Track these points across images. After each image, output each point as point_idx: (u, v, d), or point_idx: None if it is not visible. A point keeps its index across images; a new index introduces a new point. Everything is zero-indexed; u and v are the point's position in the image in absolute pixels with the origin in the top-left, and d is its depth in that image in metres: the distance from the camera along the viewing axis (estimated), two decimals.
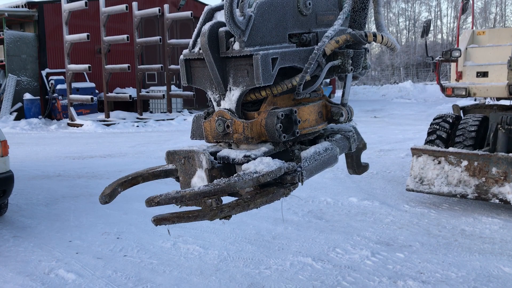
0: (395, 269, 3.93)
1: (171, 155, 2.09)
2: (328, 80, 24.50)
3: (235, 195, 2.02)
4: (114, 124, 16.18)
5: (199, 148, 2.04)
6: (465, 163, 5.37)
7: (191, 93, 19.02)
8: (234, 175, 1.80)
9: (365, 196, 6.19)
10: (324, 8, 2.14)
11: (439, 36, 50.57)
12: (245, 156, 1.91)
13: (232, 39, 1.87)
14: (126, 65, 15.82)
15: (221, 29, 1.89)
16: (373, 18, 2.40)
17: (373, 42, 2.09)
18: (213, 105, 2.11)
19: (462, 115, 6.57)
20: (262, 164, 1.83)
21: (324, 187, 6.70)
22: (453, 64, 6.81)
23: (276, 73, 1.88)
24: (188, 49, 2.05)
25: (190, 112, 19.89)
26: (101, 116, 17.36)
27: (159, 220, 1.68)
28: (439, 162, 5.55)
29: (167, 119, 17.51)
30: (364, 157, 6.86)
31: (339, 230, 4.92)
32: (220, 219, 1.83)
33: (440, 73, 7.22)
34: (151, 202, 1.68)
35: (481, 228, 4.91)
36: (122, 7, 15.49)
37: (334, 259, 4.17)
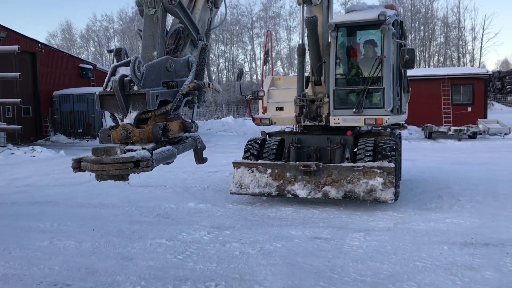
0: (224, 239, 5.71)
1: (94, 150, 3.49)
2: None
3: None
4: None
5: (114, 145, 3.50)
6: (269, 171, 7.53)
7: (19, 127, 18.58)
8: (117, 153, 3.28)
9: (200, 201, 7.93)
10: (180, 68, 3.85)
11: (255, 76, 56.50)
12: (142, 148, 3.44)
13: (132, 84, 3.43)
14: None
15: (125, 78, 3.43)
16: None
17: (208, 87, 3.88)
18: (117, 122, 3.59)
19: (267, 138, 8.85)
20: (127, 154, 3.28)
21: (167, 198, 8.27)
22: (260, 101, 9.12)
23: (158, 103, 3.49)
24: (102, 88, 3.53)
25: (17, 147, 19.28)
26: None
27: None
28: (252, 171, 7.62)
29: None
30: (196, 177, 9.40)
31: (183, 223, 6.54)
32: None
33: (252, 108, 9.49)
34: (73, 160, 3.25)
35: (280, 213, 7.04)
36: None
37: (182, 239, 5.77)
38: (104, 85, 3.53)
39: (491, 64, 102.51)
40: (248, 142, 8.56)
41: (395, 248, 5.24)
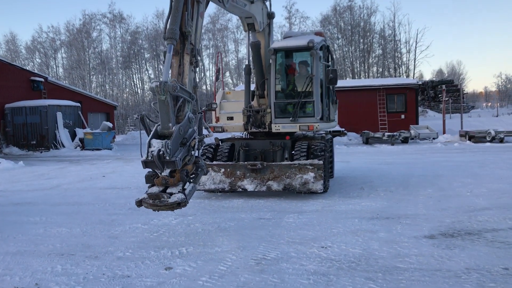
0: (188, 222, 7.18)
1: (150, 195, 5.08)
2: (111, 125, 27.08)
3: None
4: None
5: (159, 191, 5.12)
6: (222, 170, 9.08)
7: None
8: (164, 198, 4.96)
9: None
10: (185, 126, 5.51)
11: (204, 87, 57.84)
12: (179, 191, 5.07)
13: (165, 155, 5.00)
14: None
15: (160, 152, 5.00)
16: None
17: (206, 137, 5.60)
18: (157, 174, 5.19)
19: (220, 143, 10.39)
20: (172, 199, 5.00)
21: (134, 196, 9.56)
22: (213, 112, 10.66)
23: (182, 160, 5.11)
24: (145, 157, 5.08)
25: None
26: None
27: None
28: (209, 171, 9.13)
29: None
30: None
31: (152, 213, 7.84)
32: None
33: (207, 118, 11.02)
34: (136, 200, 4.88)
35: (233, 204, 8.59)
36: None
37: (154, 223, 7.19)
38: (146, 154, 5.20)
39: (427, 74, 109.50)
40: (203, 146, 10.06)
41: (319, 222, 6.94)
